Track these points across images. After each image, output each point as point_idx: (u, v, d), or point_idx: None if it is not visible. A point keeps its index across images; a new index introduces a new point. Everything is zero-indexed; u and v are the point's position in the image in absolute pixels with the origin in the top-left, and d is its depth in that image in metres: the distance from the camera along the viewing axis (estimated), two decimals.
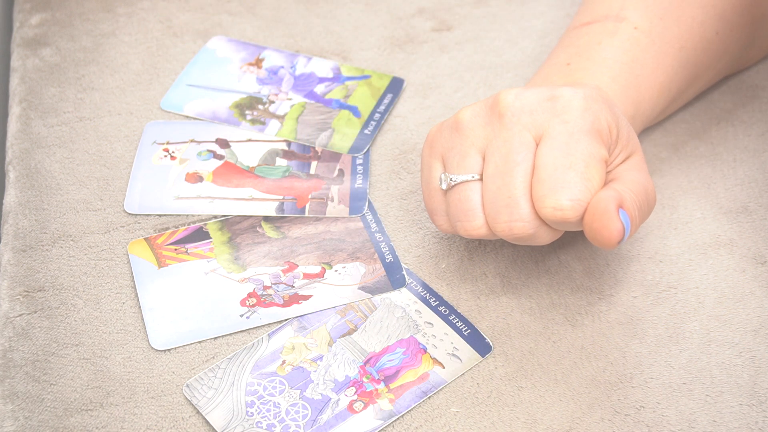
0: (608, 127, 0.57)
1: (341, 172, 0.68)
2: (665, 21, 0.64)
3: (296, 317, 0.61)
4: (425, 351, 0.60)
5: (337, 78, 0.74)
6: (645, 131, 0.70)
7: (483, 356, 0.60)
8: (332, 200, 0.66)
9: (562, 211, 0.55)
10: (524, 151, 0.56)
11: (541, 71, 0.65)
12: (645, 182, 0.58)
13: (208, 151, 0.69)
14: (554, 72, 0.64)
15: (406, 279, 0.63)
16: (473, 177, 0.57)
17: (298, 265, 0.63)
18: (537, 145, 0.56)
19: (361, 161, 0.69)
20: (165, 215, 0.66)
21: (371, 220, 0.66)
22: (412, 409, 0.58)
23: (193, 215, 0.66)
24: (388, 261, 0.64)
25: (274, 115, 0.71)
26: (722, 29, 0.66)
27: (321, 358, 0.59)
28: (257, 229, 0.65)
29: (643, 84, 0.64)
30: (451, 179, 0.58)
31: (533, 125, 0.57)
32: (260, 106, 0.72)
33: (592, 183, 0.56)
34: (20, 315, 0.61)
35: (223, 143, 0.70)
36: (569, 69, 0.63)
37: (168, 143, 0.70)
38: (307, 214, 0.66)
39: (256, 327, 0.61)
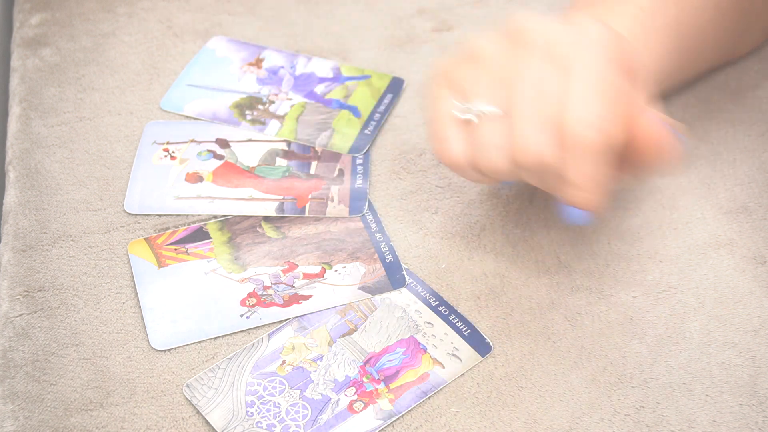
0: (631, 64, 0.56)
1: (341, 172, 0.68)
2: (665, 1, 0.65)
3: (296, 317, 0.61)
4: (425, 351, 0.60)
5: (337, 78, 0.74)
6: None
7: (483, 356, 0.60)
8: (332, 200, 0.66)
9: (592, 139, 0.54)
10: (554, 81, 0.55)
11: None
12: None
13: (208, 151, 0.69)
14: None
15: (406, 279, 0.63)
16: (497, 110, 0.55)
17: (298, 265, 0.63)
18: (565, 76, 0.55)
19: (361, 161, 0.68)
20: (165, 215, 0.66)
21: (371, 220, 0.66)
22: (412, 409, 0.58)
23: (193, 215, 0.66)
24: (388, 261, 0.64)
25: (274, 115, 0.71)
26: (716, 18, 0.67)
27: (321, 358, 0.59)
28: (257, 229, 0.65)
29: None
30: (473, 109, 0.56)
31: (561, 56, 0.55)
32: (260, 106, 0.72)
33: (618, 116, 0.55)
34: (20, 315, 0.61)
35: (223, 143, 0.70)
36: None
37: (168, 143, 0.70)
38: (307, 214, 0.66)
39: (256, 327, 0.61)
